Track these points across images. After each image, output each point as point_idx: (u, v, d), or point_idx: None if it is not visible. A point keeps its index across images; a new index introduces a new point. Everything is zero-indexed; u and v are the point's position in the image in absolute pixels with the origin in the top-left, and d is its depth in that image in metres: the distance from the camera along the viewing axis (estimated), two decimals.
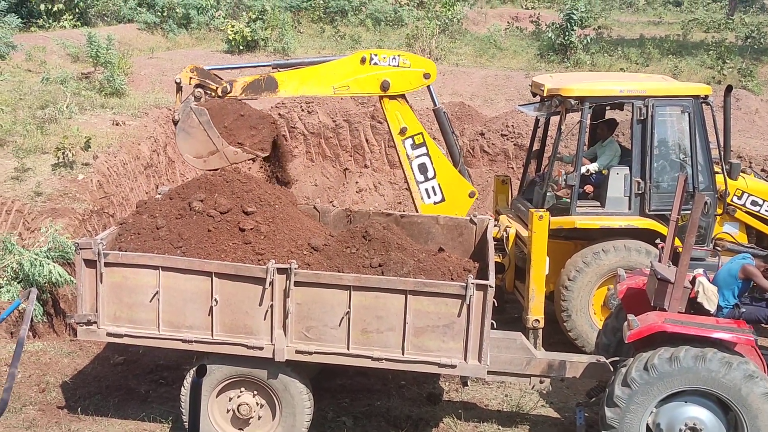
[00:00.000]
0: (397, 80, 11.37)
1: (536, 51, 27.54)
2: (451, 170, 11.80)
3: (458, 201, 11.78)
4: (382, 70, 11.32)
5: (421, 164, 11.68)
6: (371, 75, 11.31)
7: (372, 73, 11.30)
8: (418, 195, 11.72)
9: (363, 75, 11.29)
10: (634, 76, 16.29)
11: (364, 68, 11.28)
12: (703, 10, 47.62)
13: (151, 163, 16.33)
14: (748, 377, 8.05)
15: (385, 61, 11.33)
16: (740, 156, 17.50)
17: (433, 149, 11.66)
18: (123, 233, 9.04)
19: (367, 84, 11.36)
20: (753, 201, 11.73)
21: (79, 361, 10.88)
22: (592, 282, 11.25)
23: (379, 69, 11.32)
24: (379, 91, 11.40)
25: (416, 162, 11.67)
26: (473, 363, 8.36)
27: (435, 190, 11.73)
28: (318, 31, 30.30)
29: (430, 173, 11.69)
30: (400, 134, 11.56)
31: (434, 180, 11.70)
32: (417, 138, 11.57)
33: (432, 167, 11.66)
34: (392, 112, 11.57)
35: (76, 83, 18.97)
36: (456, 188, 11.79)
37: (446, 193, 11.73)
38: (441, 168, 11.69)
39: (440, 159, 11.73)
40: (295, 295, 8.33)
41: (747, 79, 23.26)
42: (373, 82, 11.33)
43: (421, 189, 11.71)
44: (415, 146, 11.60)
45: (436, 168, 11.67)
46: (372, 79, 11.31)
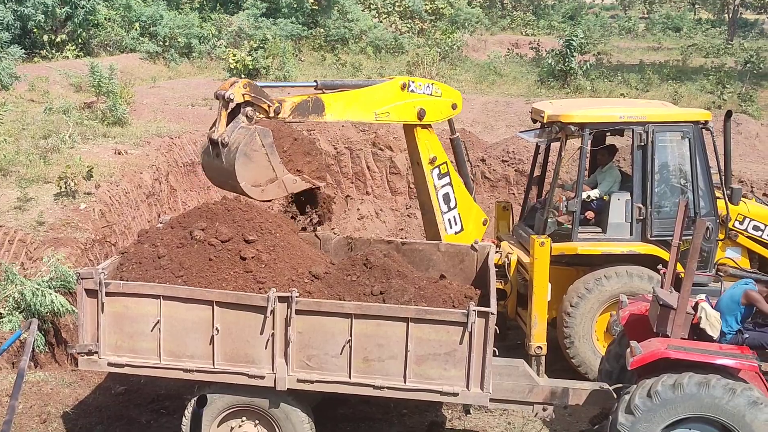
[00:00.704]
0: (431, 109, 11.23)
1: (536, 77, 27.71)
2: (469, 199, 11.81)
3: (475, 230, 11.79)
4: (418, 98, 11.12)
5: (445, 194, 11.60)
6: (409, 102, 11.05)
7: (409, 101, 11.05)
8: (442, 225, 11.60)
9: (402, 102, 11.01)
10: (633, 102, 16.36)
11: (404, 95, 11.01)
12: (702, 36, 47.95)
13: (153, 191, 16.37)
14: (752, 404, 8.00)
15: (421, 89, 11.12)
16: (741, 180, 17.52)
17: (455, 179, 11.64)
18: (124, 262, 9.04)
19: (405, 111, 11.08)
20: (755, 226, 11.71)
21: (81, 391, 10.84)
22: (594, 308, 11.21)
23: (416, 97, 11.11)
24: (416, 120, 11.14)
25: (441, 192, 11.57)
26: (475, 391, 8.31)
27: (456, 220, 11.70)
28: (319, 59, 30.51)
29: (452, 203, 11.64)
30: (430, 164, 11.43)
31: (455, 210, 11.67)
32: (443, 167, 11.52)
33: (454, 197, 11.64)
34: (423, 141, 11.40)
35: (78, 113, 19.07)
36: (473, 217, 11.80)
37: (465, 222, 11.71)
38: (461, 198, 11.68)
39: (460, 188, 11.71)
40: (296, 323, 8.31)
41: (747, 103, 23.35)
42: (411, 110, 11.09)
43: (445, 219, 11.62)
44: (441, 176, 11.52)
45: (457, 198, 11.64)
46: (409, 106, 11.06)
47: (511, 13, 56.65)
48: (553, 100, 14.13)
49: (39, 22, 27.03)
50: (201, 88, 24.43)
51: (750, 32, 52.65)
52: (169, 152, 18.03)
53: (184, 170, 18.33)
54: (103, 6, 29.90)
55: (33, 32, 27.57)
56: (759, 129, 22.38)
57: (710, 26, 55.83)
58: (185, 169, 18.39)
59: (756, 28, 54.95)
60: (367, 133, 19.86)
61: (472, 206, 11.86)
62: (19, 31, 26.88)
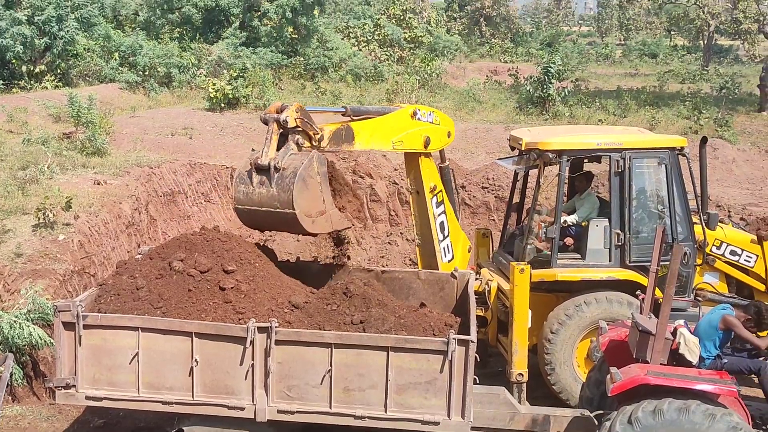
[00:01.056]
0: (434, 137, 11.17)
1: (515, 104, 27.93)
2: (457, 227, 11.83)
3: (462, 257, 11.80)
4: (424, 126, 11.04)
5: (441, 223, 11.55)
6: (417, 131, 10.93)
7: (417, 129, 10.95)
8: (439, 254, 11.55)
9: (412, 130, 10.88)
10: (610, 128, 16.51)
11: (413, 123, 10.88)
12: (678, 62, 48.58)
13: (132, 221, 16.29)
14: (732, 429, 8.00)
15: (426, 117, 11.01)
16: (719, 205, 17.69)
17: (448, 207, 11.64)
18: (102, 294, 8.99)
19: (415, 140, 10.94)
20: (732, 251, 11.80)
21: (59, 425, 10.71)
22: (574, 335, 11.22)
23: (423, 125, 11.00)
24: (422, 148, 11.05)
25: (438, 220, 11.51)
26: (456, 420, 8.30)
27: (449, 248, 11.68)
28: (299, 88, 30.62)
29: (446, 231, 11.62)
30: (430, 192, 11.38)
31: (448, 238, 11.67)
32: (439, 196, 11.51)
33: (447, 225, 11.64)
34: (426, 169, 11.32)
35: (57, 143, 19.01)
36: (460, 245, 11.81)
37: (455, 250, 11.72)
38: (452, 225, 11.68)
39: (452, 216, 11.70)
40: (276, 353, 8.28)
41: (723, 128, 23.64)
42: (419, 138, 10.98)
43: (441, 247, 11.58)
44: (438, 204, 11.49)
45: (449, 226, 11.65)
46: (417, 135, 10.93)
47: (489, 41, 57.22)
48: (531, 128, 14.22)
49: (18, 53, 26.98)
50: (181, 117, 24.43)
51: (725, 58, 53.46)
52: (149, 182, 17.98)
53: (164, 200, 18.27)
54: (82, 36, 29.88)
55: (11, 63, 27.51)
56: (735, 154, 22.67)
57: (686, 52, 56.62)
58: (165, 198, 18.34)
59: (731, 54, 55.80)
60: (347, 161, 19.90)
61: (459, 233, 11.91)
62: None
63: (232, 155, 21.45)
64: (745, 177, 22.13)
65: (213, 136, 23.35)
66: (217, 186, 20.12)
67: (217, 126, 24.06)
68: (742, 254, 11.78)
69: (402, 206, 19.36)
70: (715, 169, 20.90)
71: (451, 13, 60.65)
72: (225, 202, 20.15)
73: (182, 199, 19.03)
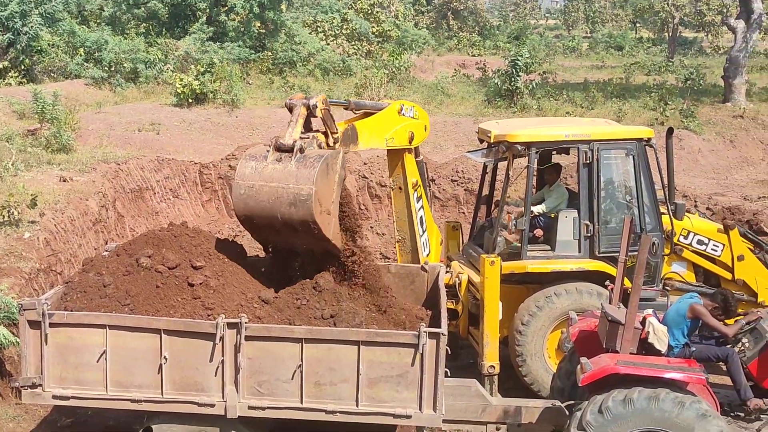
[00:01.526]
0: (417, 132, 11.10)
1: (483, 97, 27.94)
2: (432, 221, 11.84)
3: (436, 251, 11.82)
4: (408, 122, 10.98)
5: (420, 217, 11.57)
6: (403, 126, 10.87)
7: (403, 125, 10.88)
8: (420, 249, 11.58)
9: (399, 126, 10.82)
10: (578, 120, 16.58)
11: (400, 119, 10.79)
12: (644, 54, 48.90)
13: (99, 218, 16.11)
14: (701, 416, 8.09)
15: (408, 112, 10.90)
16: (685, 195, 17.86)
17: (425, 202, 11.64)
18: (69, 292, 8.87)
19: (401, 136, 10.85)
20: (699, 240, 11.92)
21: (25, 425, 10.57)
22: (545, 326, 11.27)
23: (406, 120, 10.93)
24: (408, 144, 10.96)
25: (418, 215, 11.53)
26: (428, 412, 8.30)
27: (427, 242, 11.70)
28: (267, 82, 30.42)
29: (424, 226, 11.64)
30: (413, 188, 11.36)
31: (426, 233, 11.66)
32: (419, 191, 11.51)
33: (425, 220, 11.64)
34: (410, 165, 11.28)
35: (21, 140, 18.74)
36: (434, 238, 11.83)
37: (431, 244, 11.73)
38: (428, 220, 11.70)
39: (428, 211, 11.73)
40: (246, 349, 8.23)
41: (689, 119, 23.85)
42: (405, 134, 10.91)
43: (420, 242, 11.60)
44: (417, 200, 11.50)
45: (426, 220, 11.65)
46: (404, 130, 10.86)
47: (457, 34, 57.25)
48: (500, 120, 14.26)
49: None
50: (148, 113, 24.17)
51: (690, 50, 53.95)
52: (116, 178, 17.79)
53: (131, 196, 18.10)
54: (46, 32, 29.41)
55: None
56: (701, 144, 22.90)
57: (651, 44, 57.03)
58: (133, 195, 18.16)
59: (695, 46, 56.34)
60: None
61: (433, 227, 11.94)
62: None
63: (200, 150, 21.29)
64: (710, 167, 22.38)
65: (181, 131, 23.14)
66: (185, 182, 19.96)
67: (185, 121, 23.84)
68: (709, 243, 11.91)
69: (372, 200, 19.34)
70: (682, 159, 21.10)
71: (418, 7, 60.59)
72: (193, 198, 20.02)
73: (150, 196, 18.86)
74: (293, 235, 8.86)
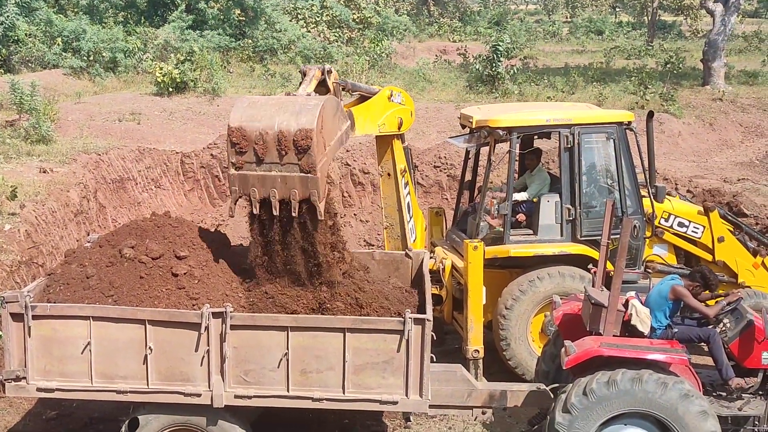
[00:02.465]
0: (405, 118, 11.14)
1: (465, 83, 27.97)
2: (417, 208, 11.85)
3: (421, 237, 11.84)
4: (398, 108, 10.98)
5: (408, 204, 11.59)
6: (393, 112, 10.89)
7: (393, 110, 10.90)
8: (408, 234, 11.60)
9: (390, 112, 10.83)
10: (559, 105, 16.63)
11: (390, 105, 10.81)
12: (624, 38, 49.08)
13: (81, 209, 16.01)
14: (684, 396, 8.18)
15: (397, 98, 10.94)
16: (666, 178, 17.96)
17: (411, 188, 11.65)
18: (51, 284, 8.82)
19: (392, 122, 10.87)
20: (680, 222, 12.01)
21: (9, 418, 10.51)
22: (528, 310, 11.34)
23: (395, 106, 10.94)
24: (397, 130, 11.01)
25: (405, 201, 11.55)
26: (414, 398, 8.34)
27: (413, 228, 11.71)
28: (248, 71, 30.29)
29: (411, 212, 11.65)
30: (401, 174, 11.39)
31: (413, 219, 11.68)
32: (406, 177, 11.52)
33: (411, 206, 11.65)
34: (398, 152, 11.30)
35: (0, 132, 18.57)
36: (420, 224, 11.85)
37: (417, 230, 11.74)
38: (414, 206, 11.71)
39: (413, 197, 11.74)
40: (231, 338, 8.22)
41: (669, 103, 23.98)
42: (395, 120, 10.93)
43: (408, 228, 11.62)
44: (405, 186, 11.52)
45: (412, 206, 11.66)
46: (393, 116, 10.88)
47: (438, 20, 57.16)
48: (481, 106, 14.25)
49: None
50: (128, 102, 24.01)
51: (669, 34, 54.13)
52: (97, 169, 17.68)
53: (113, 187, 17.99)
54: (23, 21, 29.15)
55: None
56: (681, 127, 23.03)
57: (631, 29, 57.22)
58: (114, 185, 18.05)
59: (674, 30, 56.51)
60: None
61: (419, 213, 11.95)
62: None
63: (182, 140, 21.17)
64: (690, 150, 22.53)
65: (162, 120, 23.00)
66: (167, 171, 19.85)
67: (166, 111, 23.70)
68: (690, 226, 12.00)
69: (355, 187, 19.32)
70: (662, 142, 21.22)
71: None
72: (176, 188, 19.92)
73: (132, 186, 18.75)
74: (277, 164, 8.26)
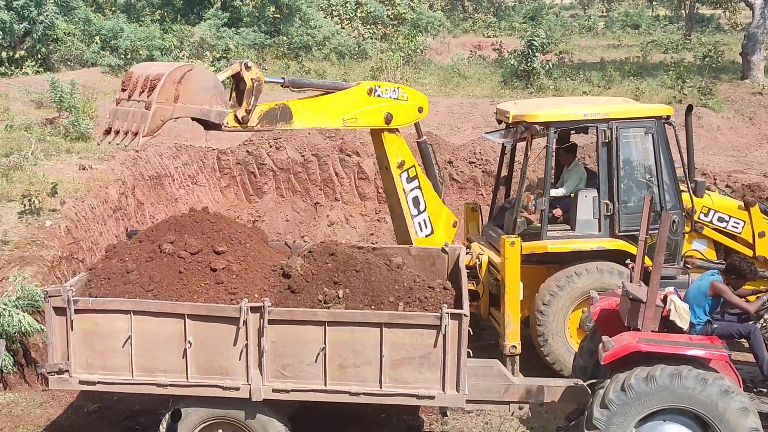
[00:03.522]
0: (398, 113, 11.19)
1: (500, 78, 27.86)
2: (438, 202, 11.83)
3: (445, 232, 11.80)
4: (385, 102, 11.08)
5: (414, 198, 11.56)
6: (375, 107, 11.03)
7: (376, 105, 11.03)
8: (412, 229, 11.58)
9: (369, 107, 10.98)
10: (596, 99, 16.51)
11: (370, 100, 10.96)
12: (661, 32, 48.49)
13: (119, 206, 16.23)
14: (724, 393, 8.09)
15: (387, 93, 11.09)
16: (705, 173, 17.76)
17: (424, 182, 11.63)
18: (93, 279, 8.95)
19: (372, 116, 11.04)
20: (719, 217, 11.87)
21: (52, 411, 10.68)
22: (566, 305, 11.28)
23: (383, 101, 11.06)
24: (384, 124, 11.13)
25: (410, 195, 11.53)
26: (451, 393, 8.33)
27: (426, 223, 11.68)
28: (282, 67, 30.43)
29: (422, 206, 11.62)
30: (398, 168, 11.42)
31: (425, 213, 11.66)
32: (411, 171, 11.51)
33: (423, 200, 11.63)
34: (391, 145, 11.37)
35: (40, 129, 18.89)
36: (443, 220, 11.82)
37: (435, 225, 11.71)
38: (430, 200, 11.69)
39: (429, 191, 11.71)
40: (269, 333, 8.27)
41: (707, 97, 23.67)
42: (378, 115, 11.06)
43: (415, 222, 11.58)
44: (409, 180, 11.50)
45: (426, 201, 11.64)
46: (376, 111, 11.02)
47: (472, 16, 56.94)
48: (518, 101, 14.21)
49: None
50: None
51: (707, 27, 53.36)
52: (135, 166, 17.91)
53: (150, 183, 18.20)
54: (62, 21, 29.56)
55: None
56: (720, 122, 22.74)
57: (668, 22, 56.48)
58: (152, 182, 18.27)
59: (713, 23, 55.72)
60: (334, 140, 19.86)
61: (441, 209, 11.89)
62: None
63: (218, 137, 21.31)
64: (729, 144, 22.23)
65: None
66: (203, 168, 20.05)
67: None
68: (730, 221, 11.85)
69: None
70: (700, 137, 20.96)
71: None
72: (212, 184, 20.10)
73: (169, 182, 18.96)
74: (135, 101, 9.24)
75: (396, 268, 9.61)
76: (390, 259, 9.83)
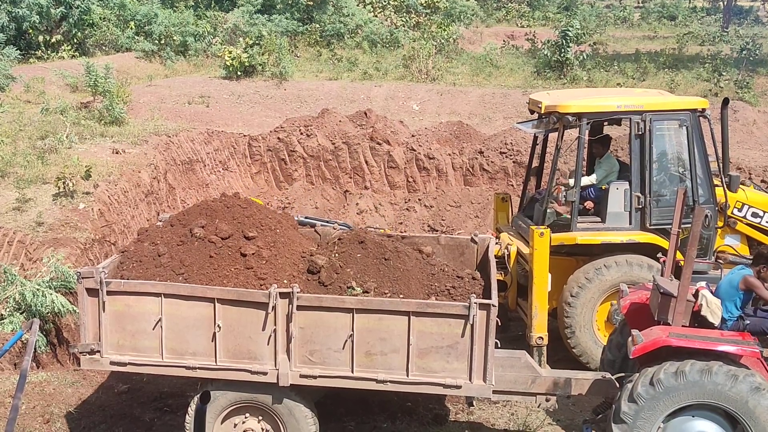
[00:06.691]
0: None
1: (533, 68, 27.64)
2: None
3: None
4: None
5: None
6: None
7: None
8: None
9: None
10: (630, 91, 16.33)
11: None
12: (697, 24, 47.80)
13: (151, 190, 16.37)
14: (755, 389, 8.01)
15: None
16: (739, 168, 17.53)
17: None
18: (125, 261, 9.05)
19: None
20: (753, 213, 11.72)
21: (83, 390, 10.84)
22: (594, 298, 11.22)
23: None
24: None
25: None
26: (478, 383, 8.33)
27: None
28: (315, 55, 30.45)
29: None
30: None
31: None
32: None
33: None
34: None
35: (75, 113, 19.08)
36: None
37: None
38: None
39: None
40: (297, 319, 8.32)
41: (744, 90, 23.33)
42: None
43: None
44: None
45: None
46: None
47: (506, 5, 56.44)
48: (550, 91, 14.10)
49: (34, 23, 26.95)
50: (197, 86, 24.40)
51: (745, 19, 52.58)
52: (167, 150, 18.04)
53: (182, 168, 18.34)
54: (97, 6, 29.81)
55: (28, 33, 27.50)
56: (756, 116, 22.39)
57: (705, 14, 55.70)
58: (183, 167, 18.40)
59: (751, 15, 54.89)
60: (364, 128, 19.86)
61: None
62: (14, 32, 26.79)
63: (250, 123, 21.46)
64: (766, 139, 21.87)
65: (230, 104, 23.34)
66: (234, 154, 20.15)
67: (234, 94, 24.04)
68: (764, 216, 11.71)
69: (420, 172, 19.33)
70: (736, 131, 20.67)
71: None
72: (243, 170, 20.20)
73: (200, 168, 19.09)
74: None
75: (425, 257, 9.63)
76: (419, 248, 9.86)
